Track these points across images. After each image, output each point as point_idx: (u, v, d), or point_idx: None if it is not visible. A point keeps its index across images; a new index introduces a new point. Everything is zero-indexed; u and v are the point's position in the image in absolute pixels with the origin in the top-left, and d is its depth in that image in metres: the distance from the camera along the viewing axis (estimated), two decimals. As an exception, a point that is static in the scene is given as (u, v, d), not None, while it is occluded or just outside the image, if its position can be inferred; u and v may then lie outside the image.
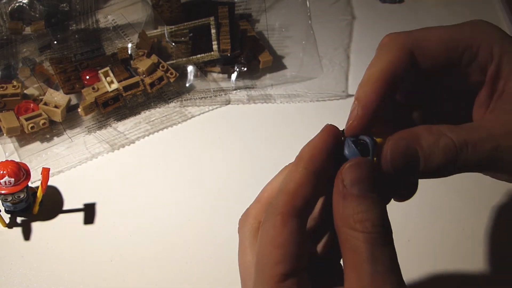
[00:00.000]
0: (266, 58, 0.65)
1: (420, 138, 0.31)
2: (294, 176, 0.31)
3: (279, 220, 0.30)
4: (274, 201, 0.31)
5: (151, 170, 0.57)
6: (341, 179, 0.30)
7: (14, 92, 0.58)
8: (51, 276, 0.48)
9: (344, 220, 0.29)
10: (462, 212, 0.54)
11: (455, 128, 0.32)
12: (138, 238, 0.51)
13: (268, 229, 0.30)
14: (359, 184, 0.30)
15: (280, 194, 0.31)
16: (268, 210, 0.31)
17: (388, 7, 0.77)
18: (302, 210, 0.31)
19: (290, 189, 0.31)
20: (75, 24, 0.67)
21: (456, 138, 0.31)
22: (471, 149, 0.31)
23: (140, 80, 0.61)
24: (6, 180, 0.48)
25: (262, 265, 0.30)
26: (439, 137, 0.31)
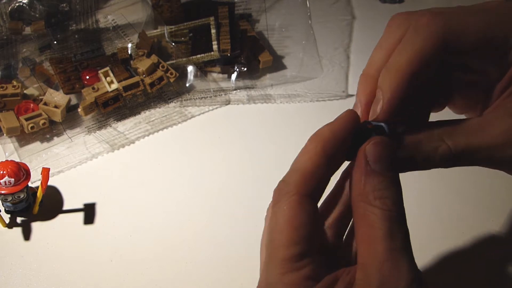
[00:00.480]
0: (266, 58, 0.65)
1: (421, 145, 0.32)
2: (311, 155, 0.31)
3: (295, 200, 0.30)
4: (289, 179, 0.31)
5: (151, 170, 0.57)
6: (364, 155, 0.30)
7: (14, 92, 0.58)
8: (51, 276, 0.48)
9: (364, 196, 0.30)
10: (462, 212, 0.54)
11: (454, 133, 0.32)
12: (138, 238, 0.51)
13: (284, 209, 0.30)
14: (381, 162, 0.30)
15: (295, 173, 0.31)
16: (283, 189, 0.31)
17: (388, 7, 0.77)
18: (316, 191, 0.31)
19: (307, 169, 0.30)
20: (75, 24, 0.67)
21: (454, 147, 0.31)
22: (467, 155, 0.32)
23: (140, 80, 0.61)
24: (6, 180, 0.48)
25: (277, 245, 0.30)
26: (438, 145, 0.31)
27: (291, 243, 0.29)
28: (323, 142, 0.31)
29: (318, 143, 0.31)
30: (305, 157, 0.31)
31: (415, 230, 0.52)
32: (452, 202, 0.54)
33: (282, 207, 0.30)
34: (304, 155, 0.31)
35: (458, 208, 0.54)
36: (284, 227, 0.30)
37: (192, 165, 0.57)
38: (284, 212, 0.30)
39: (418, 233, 0.52)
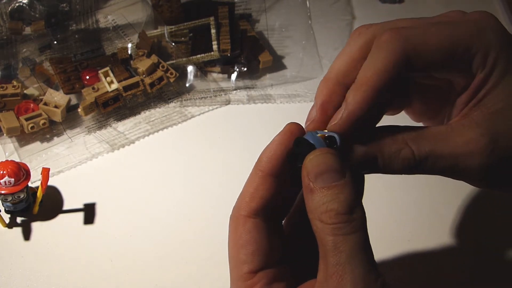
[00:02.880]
0: (266, 58, 0.65)
1: (383, 145, 0.32)
2: (252, 179, 0.33)
3: (240, 222, 0.32)
4: (236, 205, 0.33)
5: (151, 170, 0.57)
6: (305, 173, 0.31)
7: (14, 92, 0.58)
8: (51, 276, 0.48)
9: (312, 212, 0.30)
10: (462, 212, 0.54)
11: (420, 137, 0.32)
12: (138, 238, 0.51)
13: (231, 232, 0.33)
14: (323, 175, 0.30)
15: (239, 198, 0.33)
16: (231, 215, 0.33)
17: (388, 7, 0.77)
18: (261, 210, 0.32)
19: (247, 192, 0.33)
20: (75, 24, 0.67)
21: (417, 151, 0.32)
22: (430, 162, 0.32)
23: (140, 80, 0.61)
24: (6, 180, 0.48)
25: (231, 267, 0.32)
26: (401, 147, 0.32)
27: (238, 263, 0.31)
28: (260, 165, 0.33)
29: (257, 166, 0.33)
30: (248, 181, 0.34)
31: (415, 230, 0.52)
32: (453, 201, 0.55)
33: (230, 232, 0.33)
34: (248, 179, 0.34)
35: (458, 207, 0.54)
36: (232, 249, 0.32)
37: (192, 165, 0.57)
38: (230, 236, 0.33)
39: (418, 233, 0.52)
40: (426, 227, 0.52)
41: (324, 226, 0.29)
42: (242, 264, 0.31)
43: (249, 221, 0.32)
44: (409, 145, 0.32)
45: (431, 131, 0.33)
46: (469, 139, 0.32)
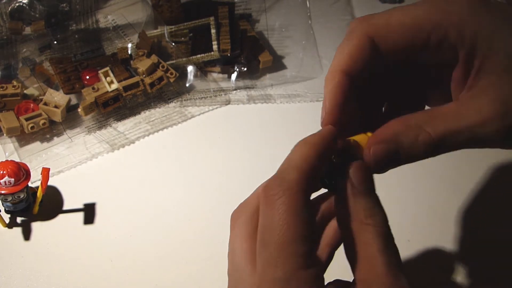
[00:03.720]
0: (266, 58, 0.65)
1: (400, 137, 0.32)
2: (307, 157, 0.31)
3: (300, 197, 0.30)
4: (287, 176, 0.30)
5: (151, 170, 0.57)
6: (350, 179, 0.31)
7: (14, 92, 0.58)
8: (51, 276, 0.48)
9: (355, 215, 0.31)
10: (462, 212, 0.54)
11: (432, 119, 0.32)
12: (138, 238, 0.51)
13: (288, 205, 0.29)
14: (365, 183, 0.31)
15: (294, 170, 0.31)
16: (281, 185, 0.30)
17: (388, 7, 0.77)
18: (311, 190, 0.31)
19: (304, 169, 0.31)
20: (75, 24, 0.67)
21: (434, 133, 0.32)
22: (449, 140, 0.32)
23: (140, 80, 0.61)
24: (6, 180, 0.48)
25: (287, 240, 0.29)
26: (418, 133, 0.32)
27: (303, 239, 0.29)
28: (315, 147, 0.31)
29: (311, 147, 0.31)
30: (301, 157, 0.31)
31: (416, 230, 0.52)
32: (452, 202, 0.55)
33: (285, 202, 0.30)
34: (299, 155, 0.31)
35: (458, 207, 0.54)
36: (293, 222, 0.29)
37: (192, 165, 0.57)
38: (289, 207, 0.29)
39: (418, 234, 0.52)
40: (426, 227, 0.52)
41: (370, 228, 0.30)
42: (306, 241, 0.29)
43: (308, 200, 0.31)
44: (424, 128, 0.32)
45: (441, 110, 0.33)
46: (480, 108, 0.32)
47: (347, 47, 0.33)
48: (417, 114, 0.33)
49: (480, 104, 0.32)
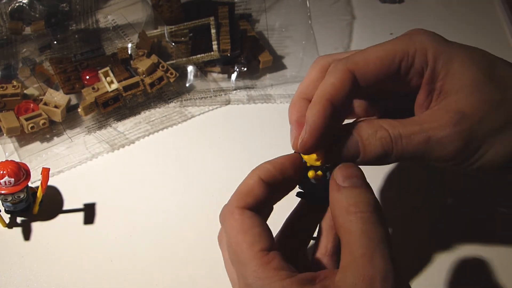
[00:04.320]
0: (266, 58, 0.65)
1: (361, 129, 0.37)
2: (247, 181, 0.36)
3: (237, 213, 0.34)
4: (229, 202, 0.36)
5: (151, 170, 0.57)
6: (333, 179, 0.35)
7: (14, 92, 0.58)
8: (51, 276, 0.48)
9: (339, 208, 0.34)
10: (461, 212, 0.54)
11: (393, 122, 0.37)
12: (138, 238, 0.51)
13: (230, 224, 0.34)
14: (349, 179, 0.35)
15: (233, 196, 0.36)
16: (223, 212, 0.36)
17: (388, 7, 0.77)
18: (254, 208, 0.35)
19: (243, 190, 0.36)
20: (75, 24, 0.67)
21: (392, 131, 0.36)
22: (405, 141, 0.36)
23: (140, 80, 0.61)
24: (6, 180, 0.48)
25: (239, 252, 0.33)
26: (377, 129, 0.36)
27: (248, 245, 0.33)
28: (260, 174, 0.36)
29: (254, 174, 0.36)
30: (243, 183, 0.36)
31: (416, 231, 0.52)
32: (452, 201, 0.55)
33: (228, 224, 0.34)
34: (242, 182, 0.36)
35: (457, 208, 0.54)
36: (237, 236, 0.33)
37: (192, 165, 0.57)
38: (231, 225, 0.34)
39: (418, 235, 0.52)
40: (427, 229, 0.52)
41: (352, 217, 0.33)
42: (252, 245, 0.33)
43: (246, 211, 0.34)
44: (384, 127, 0.36)
45: (404, 119, 0.37)
46: (436, 117, 0.36)
47: (331, 79, 0.37)
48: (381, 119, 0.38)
49: (437, 115, 0.37)
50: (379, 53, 0.37)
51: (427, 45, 0.37)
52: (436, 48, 0.37)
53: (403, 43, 0.37)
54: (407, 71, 0.37)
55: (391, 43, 0.38)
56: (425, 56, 0.37)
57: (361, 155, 0.36)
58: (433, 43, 0.37)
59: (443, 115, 0.36)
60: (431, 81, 0.37)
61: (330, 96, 0.36)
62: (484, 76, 0.37)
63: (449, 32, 0.74)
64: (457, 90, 0.37)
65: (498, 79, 0.37)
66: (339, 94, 0.36)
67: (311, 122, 0.36)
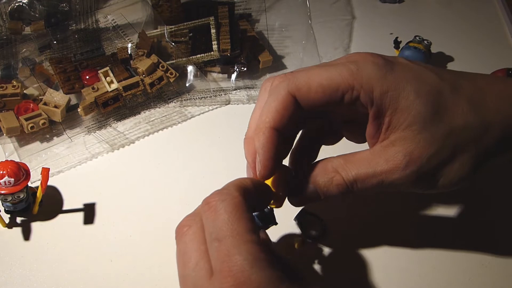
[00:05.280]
0: (266, 58, 0.65)
1: (317, 178, 0.39)
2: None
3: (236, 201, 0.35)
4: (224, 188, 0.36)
5: (151, 170, 0.57)
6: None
7: (14, 92, 0.58)
8: (51, 276, 0.48)
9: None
10: (462, 211, 0.54)
11: (347, 164, 0.39)
12: (138, 238, 0.51)
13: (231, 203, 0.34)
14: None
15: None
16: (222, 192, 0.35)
17: (388, 7, 0.77)
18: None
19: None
20: (75, 24, 0.67)
21: (346, 177, 0.38)
22: (360, 184, 0.38)
23: (140, 80, 0.61)
24: (6, 180, 0.48)
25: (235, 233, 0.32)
26: (333, 176, 0.38)
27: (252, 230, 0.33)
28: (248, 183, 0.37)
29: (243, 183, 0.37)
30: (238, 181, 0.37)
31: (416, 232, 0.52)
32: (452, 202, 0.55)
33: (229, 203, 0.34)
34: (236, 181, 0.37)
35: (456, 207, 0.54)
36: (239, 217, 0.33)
37: (192, 165, 0.57)
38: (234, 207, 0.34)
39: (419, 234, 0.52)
40: (426, 228, 0.52)
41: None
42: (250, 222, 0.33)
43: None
44: (338, 172, 0.38)
45: (356, 156, 0.39)
46: (388, 158, 0.38)
47: (273, 104, 0.37)
48: (335, 158, 0.39)
49: (388, 155, 0.38)
50: (322, 81, 0.37)
51: (374, 82, 0.37)
52: (383, 85, 0.37)
53: (348, 74, 0.37)
54: (351, 102, 0.38)
55: (335, 69, 0.38)
56: (371, 93, 0.37)
57: (322, 198, 0.39)
58: (380, 80, 0.37)
59: (393, 156, 0.37)
60: (377, 116, 0.38)
61: (274, 123, 0.37)
62: (430, 111, 0.37)
63: (449, 32, 0.75)
64: (404, 127, 0.37)
65: (443, 110, 0.38)
66: (282, 119, 0.37)
67: (261, 155, 0.37)
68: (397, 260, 0.49)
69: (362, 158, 0.39)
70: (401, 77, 0.38)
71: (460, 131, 0.38)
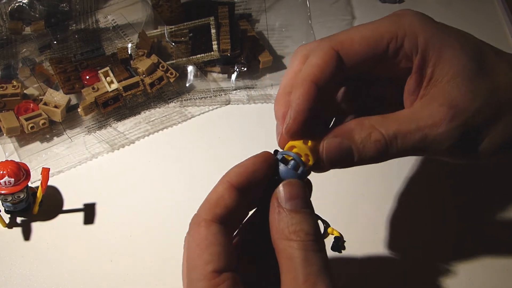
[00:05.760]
0: (266, 58, 0.65)
1: (353, 134, 0.35)
2: (217, 188, 0.34)
3: (202, 226, 0.33)
4: (200, 209, 0.34)
5: (151, 170, 0.57)
6: (276, 197, 0.33)
7: (14, 92, 0.58)
8: (51, 276, 0.48)
9: (280, 232, 0.32)
10: (462, 211, 0.54)
11: (386, 120, 0.35)
12: (138, 238, 0.51)
13: (193, 235, 0.33)
14: (292, 200, 0.33)
15: (204, 203, 0.34)
16: (192, 219, 0.34)
17: (388, 7, 0.77)
18: (223, 218, 0.33)
19: (212, 199, 0.33)
20: (75, 24, 0.67)
21: (386, 132, 0.34)
22: (400, 141, 0.35)
23: (140, 80, 0.61)
24: (6, 180, 0.48)
25: (192, 268, 0.32)
26: (371, 131, 0.34)
27: (202, 263, 0.31)
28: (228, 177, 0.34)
29: (224, 177, 0.34)
30: (212, 190, 0.34)
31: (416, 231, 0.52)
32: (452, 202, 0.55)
33: (192, 234, 0.33)
34: (213, 189, 0.34)
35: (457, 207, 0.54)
36: (196, 250, 0.32)
37: (192, 165, 0.57)
38: (193, 237, 0.33)
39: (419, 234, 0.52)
40: (425, 226, 0.52)
41: (293, 243, 0.32)
42: (206, 264, 0.31)
43: (213, 225, 0.33)
44: (377, 128, 0.34)
45: (395, 114, 0.35)
46: (430, 112, 0.35)
47: (315, 60, 0.35)
48: (372, 116, 0.36)
49: (430, 109, 0.35)
50: (365, 33, 0.35)
51: (418, 28, 0.36)
52: (427, 33, 0.36)
53: (391, 24, 0.36)
54: (395, 53, 0.36)
55: (377, 23, 0.36)
56: (416, 40, 0.35)
57: (356, 159, 0.35)
58: (424, 27, 0.36)
59: (437, 110, 0.35)
60: (421, 66, 0.36)
61: (314, 78, 0.34)
62: (475, 65, 0.35)
63: (449, 32, 0.75)
64: (448, 79, 0.35)
65: (488, 67, 0.36)
66: (324, 75, 0.35)
67: (295, 105, 0.34)
68: (398, 261, 0.49)
69: (402, 115, 0.35)
70: (444, 29, 0.37)
71: (504, 91, 0.36)
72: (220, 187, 0.34)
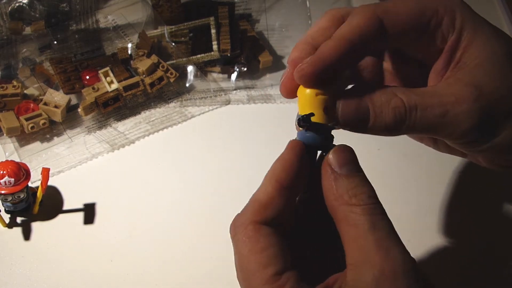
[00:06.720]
0: (266, 58, 0.65)
1: (373, 96, 0.33)
2: (266, 189, 0.32)
3: (251, 229, 0.31)
4: (244, 211, 0.32)
5: (151, 170, 0.57)
6: (328, 164, 0.32)
7: (14, 92, 0.58)
8: (51, 276, 0.48)
9: (339, 199, 0.31)
10: (462, 211, 0.54)
11: (408, 91, 0.33)
12: (138, 238, 0.51)
13: (244, 240, 0.31)
14: (346, 165, 0.32)
15: (249, 205, 0.32)
16: (237, 222, 0.32)
17: (388, 7, 0.77)
18: (273, 221, 0.31)
19: (262, 200, 0.32)
20: (75, 24, 0.67)
21: (407, 100, 0.33)
22: (420, 112, 0.33)
23: (140, 80, 0.61)
24: (6, 180, 0.48)
25: (251, 274, 0.30)
26: (391, 97, 0.33)
27: (260, 267, 0.30)
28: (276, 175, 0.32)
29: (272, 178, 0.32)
30: (260, 190, 0.32)
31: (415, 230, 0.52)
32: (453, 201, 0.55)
33: (241, 239, 0.31)
34: (260, 187, 0.32)
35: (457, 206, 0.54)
36: (249, 255, 0.30)
37: (192, 165, 0.57)
38: (244, 242, 0.31)
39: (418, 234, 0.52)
40: (426, 227, 0.52)
41: (356, 208, 0.30)
42: (265, 267, 0.30)
43: (263, 227, 0.31)
44: (398, 95, 0.33)
45: (418, 89, 0.34)
46: (455, 90, 0.33)
47: (357, 20, 0.33)
48: (394, 86, 0.34)
49: (456, 88, 0.34)
50: (410, 5, 0.34)
51: (456, 9, 0.35)
52: (465, 15, 0.35)
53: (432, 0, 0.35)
54: (435, 30, 0.35)
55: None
56: (454, 20, 0.34)
57: (371, 123, 0.33)
58: (463, 9, 0.35)
59: (462, 89, 0.33)
60: (453, 48, 0.35)
61: (353, 36, 0.33)
62: (505, 56, 0.34)
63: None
64: (476, 64, 0.34)
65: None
66: (363, 37, 0.33)
67: (319, 53, 0.33)
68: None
69: (426, 90, 0.34)
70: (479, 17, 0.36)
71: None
72: (269, 187, 0.32)
